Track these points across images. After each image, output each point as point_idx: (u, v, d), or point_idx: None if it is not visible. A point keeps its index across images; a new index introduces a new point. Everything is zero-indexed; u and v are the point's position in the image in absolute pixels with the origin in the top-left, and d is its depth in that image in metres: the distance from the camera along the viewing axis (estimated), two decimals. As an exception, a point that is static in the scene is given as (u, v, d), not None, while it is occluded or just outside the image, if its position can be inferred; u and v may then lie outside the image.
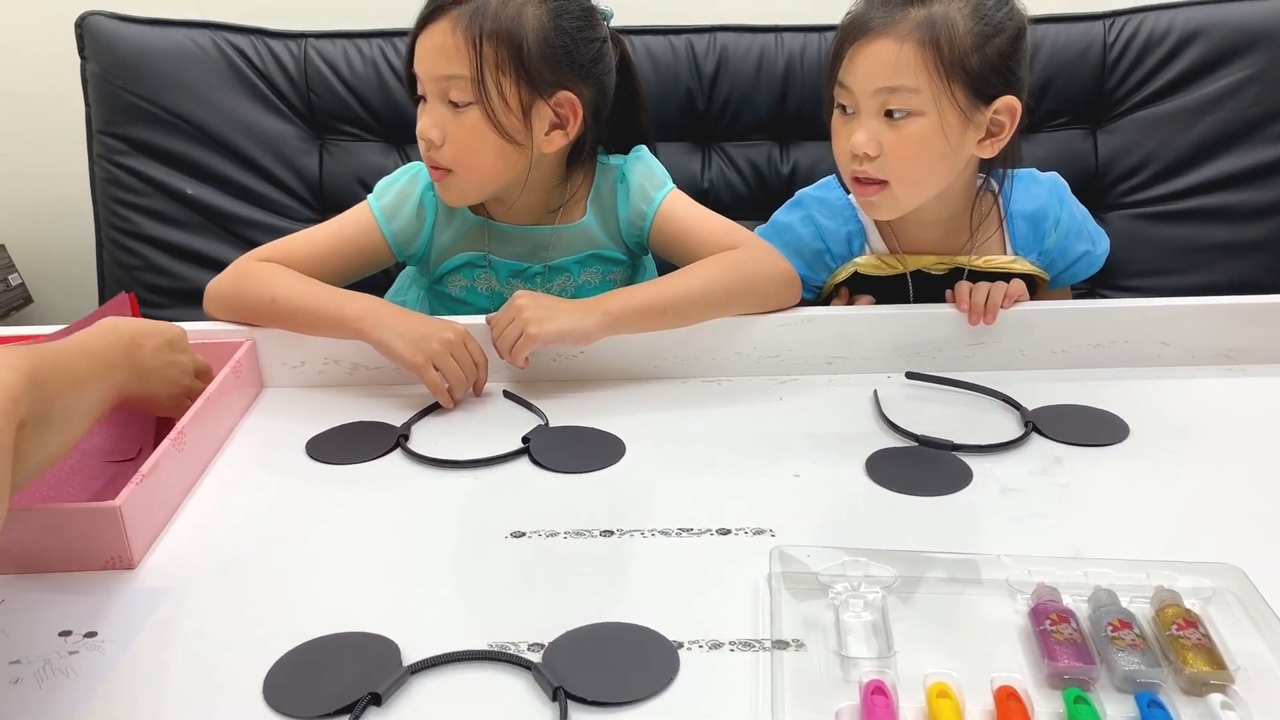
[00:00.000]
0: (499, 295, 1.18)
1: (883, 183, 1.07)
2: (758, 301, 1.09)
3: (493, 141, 1.08)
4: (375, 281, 1.21)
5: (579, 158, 1.17)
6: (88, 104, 1.53)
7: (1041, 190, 1.19)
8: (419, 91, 1.09)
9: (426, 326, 1.02)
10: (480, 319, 1.06)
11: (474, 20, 1.04)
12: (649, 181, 1.18)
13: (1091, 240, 1.22)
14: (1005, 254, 1.17)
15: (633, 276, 1.25)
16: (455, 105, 1.07)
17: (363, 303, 1.05)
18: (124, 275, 1.54)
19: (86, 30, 1.51)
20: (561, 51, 1.07)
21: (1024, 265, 1.17)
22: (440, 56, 1.06)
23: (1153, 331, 1.09)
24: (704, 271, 1.09)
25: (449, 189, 1.12)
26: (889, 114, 1.04)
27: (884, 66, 1.02)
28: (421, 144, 1.09)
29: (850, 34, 1.05)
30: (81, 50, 1.52)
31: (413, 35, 1.08)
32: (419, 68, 1.08)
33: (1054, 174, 1.22)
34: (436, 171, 1.11)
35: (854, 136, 1.05)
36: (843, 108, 1.08)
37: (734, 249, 1.11)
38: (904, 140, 1.04)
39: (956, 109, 1.03)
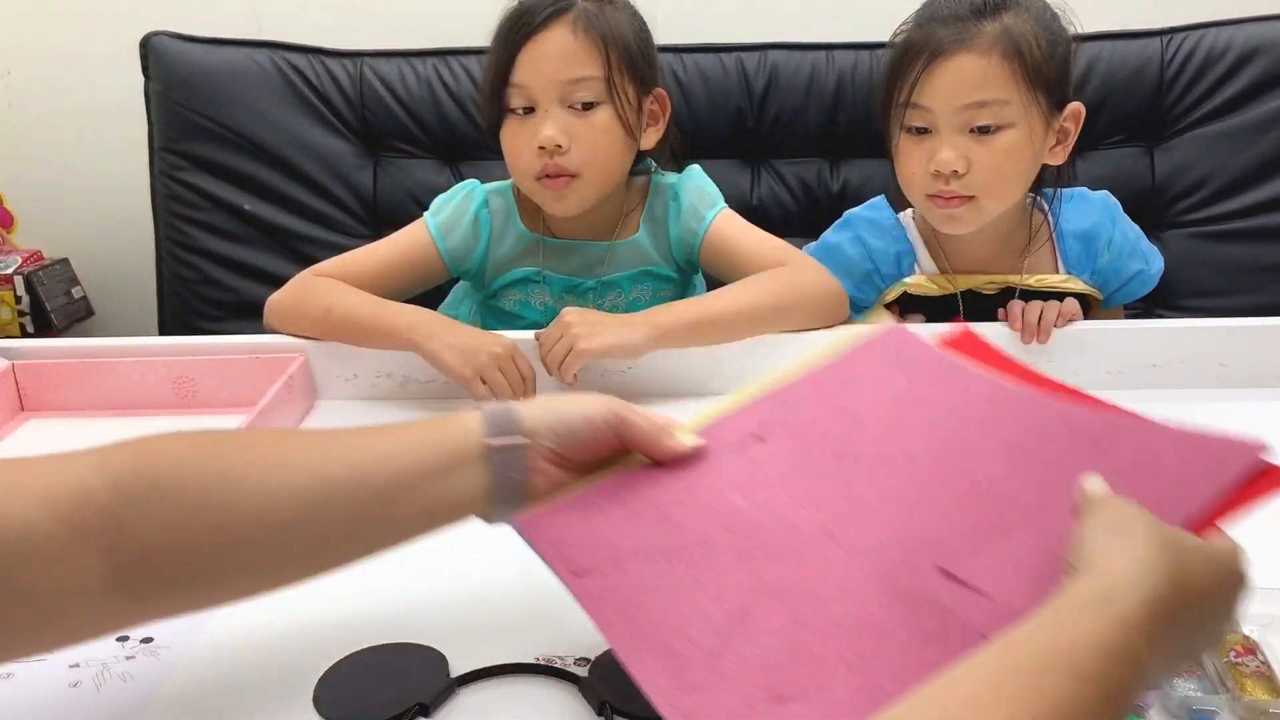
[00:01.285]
0: (552, 310, 1.19)
1: (969, 197, 1.06)
2: (805, 317, 1.09)
3: (620, 140, 1.11)
4: (428, 296, 1.22)
5: (640, 170, 1.20)
6: (150, 121, 1.57)
7: (1094, 209, 1.18)
8: (515, 105, 1.10)
9: (476, 339, 1.03)
10: (531, 334, 1.07)
11: (592, 22, 1.08)
12: (701, 200, 1.19)
13: (1145, 259, 1.21)
14: (1057, 273, 1.15)
15: (683, 294, 1.25)
16: (580, 108, 1.08)
17: (413, 314, 1.06)
18: (183, 289, 1.58)
19: (150, 50, 1.55)
20: (650, 50, 1.13)
21: (1077, 285, 1.15)
22: (567, 60, 1.07)
23: (1211, 353, 1.07)
24: (752, 286, 1.09)
25: (570, 196, 1.12)
26: (976, 129, 1.03)
27: (970, 82, 1.01)
28: (533, 154, 1.09)
29: (918, 54, 1.03)
30: (145, 69, 1.56)
31: (513, 47, 1.08)
32: (532, 76, 1.08)
33: (1105, 192, 1.21)
34: (558, 180, 1.11)
35: (940, 155, 1.04)
36: (914, 129, 1.06)
37: (783, 266, 1.11)
38: (994, 153, 1.03)
39: (1042, 117, 1.04)
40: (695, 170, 1.22)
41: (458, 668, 0.68)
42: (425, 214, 1.20)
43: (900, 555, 0.60)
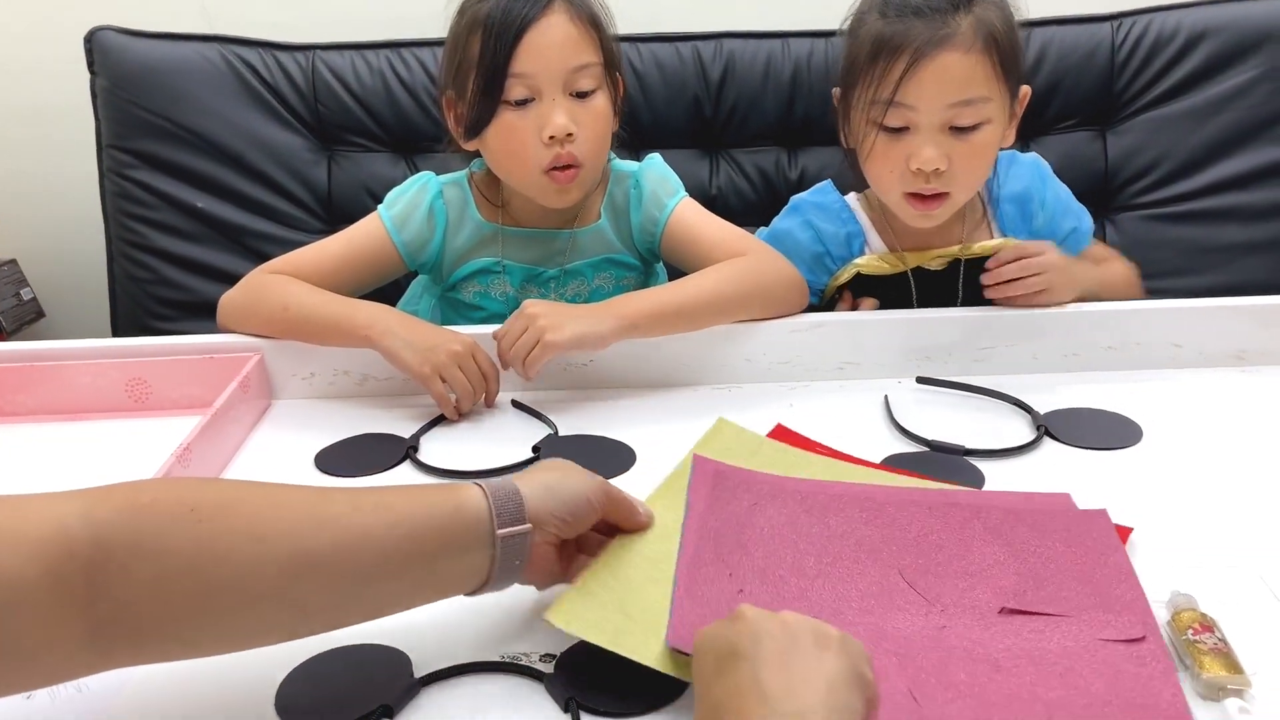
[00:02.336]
0: (514, 300, 1.18)
1: (944, 195, 1.06)
2: (766, 306, 1.09)
3: (610, 126, 1.12)
4: (385, 292, 1.21)
5: None
6: (97, 118, 1.54)
7: (1024, 171, 1.19)
8: (515, 96, 1.07)
9: (435, 336, 1.02)
10: (491, 330, 1.06)
11: (582, 7, 1.07)
12: (663, 188, 1.19)
13: (1077, 217, 1.22)
14: (994, 239, 1.16)
15: (646, 282, 1.25)
16: (581, 95, 1.07)
17: (371, 311, 1.05)
18: (135, 289, 1.55)
19: (96, 45, 1.52)
20: (613, 35, 1.12)
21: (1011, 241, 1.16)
22: (570, 47, 1.06)
23: (1165, 333, 1.09)
24: (714, 275, 1.09)
25: (576, 186, 1.11)
26: (956, 127, 1.02)
27: (957, 82, 1.00)
28: (540, 146, 1.07)
29: (896, 53, 1.01)
30: (91, 65, 1.53)
31: (511, 36, 1.05)
32: (536, 64, 1.05)
33: (1034, 155, 1.22)
34: (568, 172, 1.09)
35: (922, 154, 1.02)
36: (890, 128, 1.04)
37: (743, 255, 1.11)
38: (972, 150, 1.03)
39: (1008, 106, 1.05)
40: (656, 159, 1.22)
41: (422, 668, 0.68)
42: (379, 207, 1.19)
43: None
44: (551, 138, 1.06)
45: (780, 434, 0.96)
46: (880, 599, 0.69)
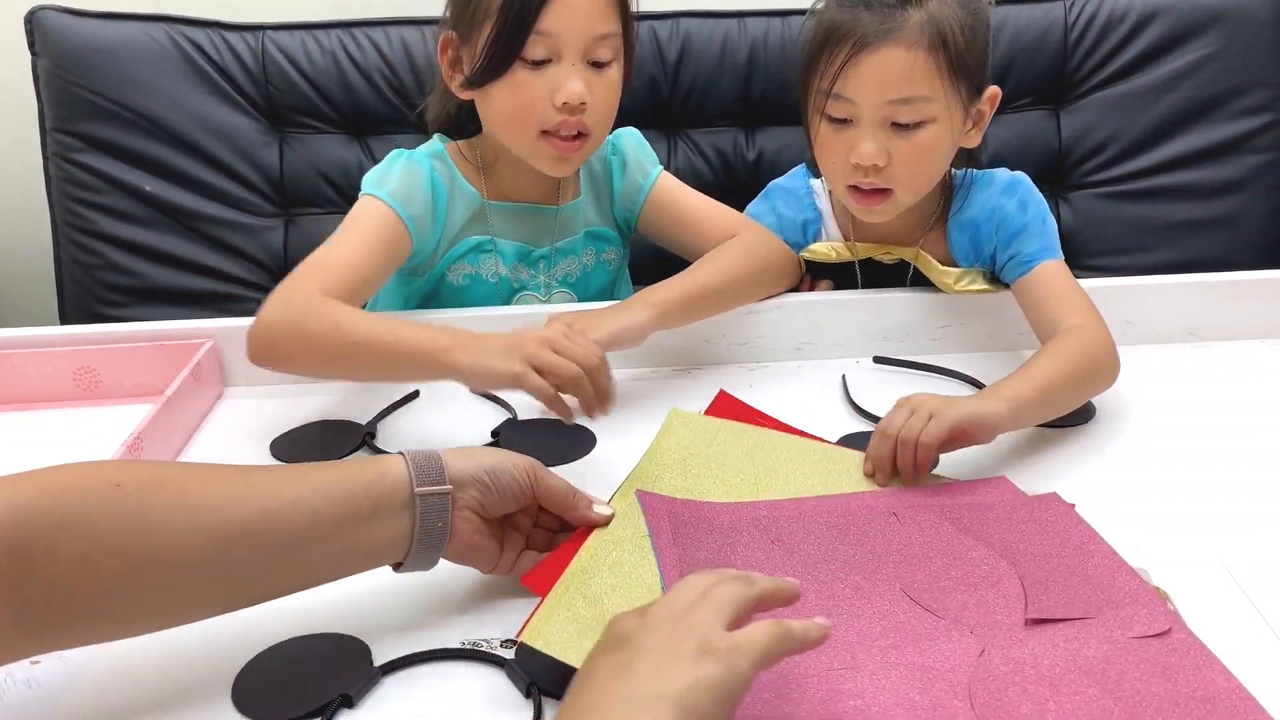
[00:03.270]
0: (506, 281, 1.14)
1: (887, 191, 1.03)
2: (772, 283, 1.11)
3: (618, 98, 1.07)
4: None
5: None
6: (40, 100, 1.50)
7: (991, 194, 1.11)
8: (534, 54, 1.00)
9: (515, 335, 0.89)
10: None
11: None
12: (644, 155, 1.19)
13: (1035, 241, 1.07)
14: (948, 254, 1.13)
15: (624, 256, 1.23)
16: (597, 65, 1.03)
17: (443, 331, 0.91)
18: (82, 274, 1.52)
19: (36, 25, 1.48)
20: (635, 10, 1.08)
21: (959, 282, 1.11)
22: (599, 14, 1.01)
23: (1117, 311, 1.10)
24: (728, 256, 1.08)
25: (576, 157, 1.07)
26: (897, 124, 0.99)
27: (896, 78, 0.97)
28: (548, 108, 1.01)
29: (840, 43, 0.98)
30: (32, 45, 1.49)
31: None
32: (564, 25, 0.99)
33: (1018, 174, 1.13)
34: (573, 142, 1.04)
35: (860, 148, 1.00)
36: (835, 119, 1.02)
37: (738, 233, 1.12)
38: (914, 149, 1.00)
39: (961, 107, 1.01)
40: (631, 129, 1.20)
41: (381, 656, 0.67)
42: (366, 191, 1.06)
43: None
44: (565, 104, 1.01)
45: (723, 401, 0.96)
46: (902, 632, 0.67)
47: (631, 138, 1.19)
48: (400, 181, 1.06)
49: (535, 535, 0.75)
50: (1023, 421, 0.88)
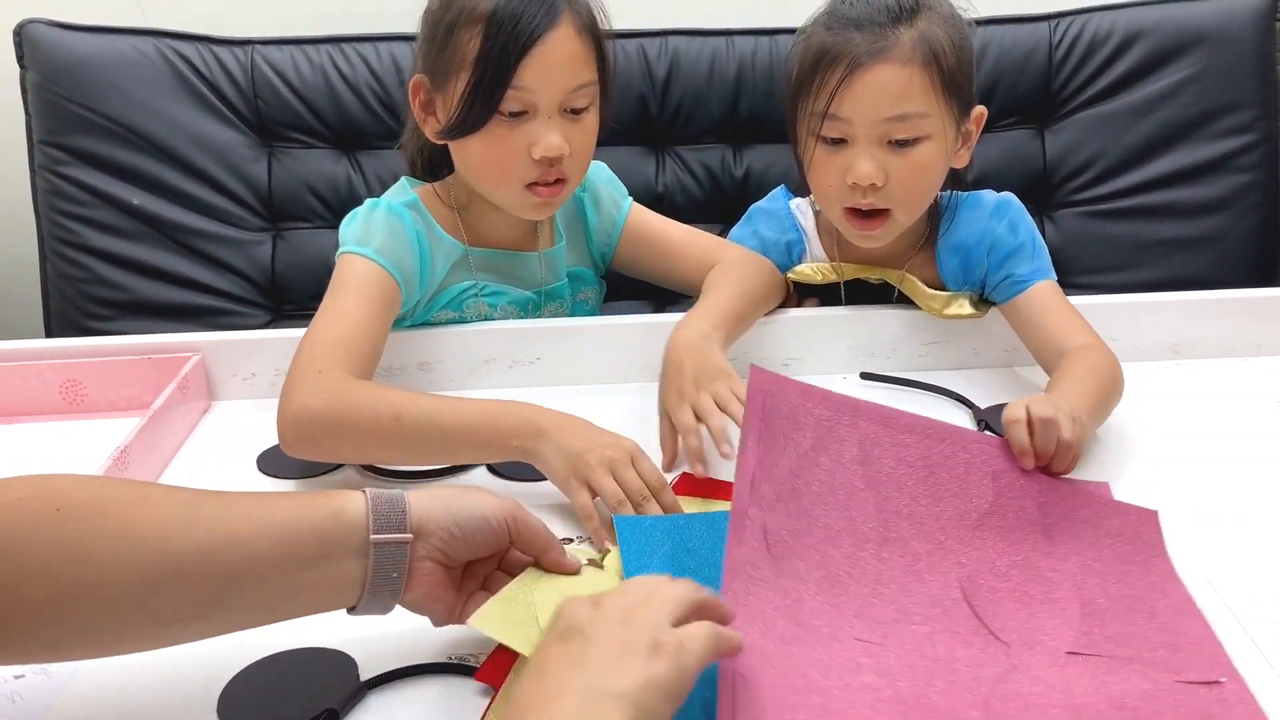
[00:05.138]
0: (492, 319, 1.12)
1: (885, 212, 1.03)
2: (772, 299, 1.12)
3: (595, 140, 1.06)
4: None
5: None
6: (28, 114, 1.50)
7: (980, 216, 1.11)
8: (510, 108, 0.98)
9: (587, 439, 0.85)
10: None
11: (587, 23, 1.00)
12: (614, 188, 1.19)
13: (1029, 264, 1.08)
14: (936, 277, 1.13)
15: (600, 294, 1.24)
16: (574, 112, 1.01)
17: (518, 412, 0.87)
18: (69, 287, 1.51)
19: (25, 38, 1.48)
20: (610, 45, 1.05)
21: (947, 306, 1.11)
22: (575, 66, 0.99)
23: (1101, 328, 1.10)
24: (734, 277, 1.08)
25: (556, 201, 1.05)
26: (894, 142, 1.00)
27: (890, 95, 0.98)
28: (527, 162, 0.99)
29: (833, 63, 0.99)
30: (20, 59, 1.49)
31: (518, 48, 0.95)
32: (540, 80, 0.97)
33: (1006, 195, 1.14)
34: (551, 188, 1.02)
35: (858, 168, 0.99)
36: (829, 140, 1.02)
37: (717, 256, 1.12)
38: (911, 167, 1.00)
39: (954, 124, 1.02)
40: (599, 163, 1.19)
41: (367, 671, 0.67)
42: (350, 250, 1.01)
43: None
44: (543, 158, 1.00)
45: (684, 483, 0.89)
46: (942, 624, 0.67)
47: (601, 173, 1.19)
48: (385, 237, 1.02)
49: (494, 577, 0.71)
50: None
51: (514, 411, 0.87)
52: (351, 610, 0.65)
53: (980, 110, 1.06)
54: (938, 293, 1.11)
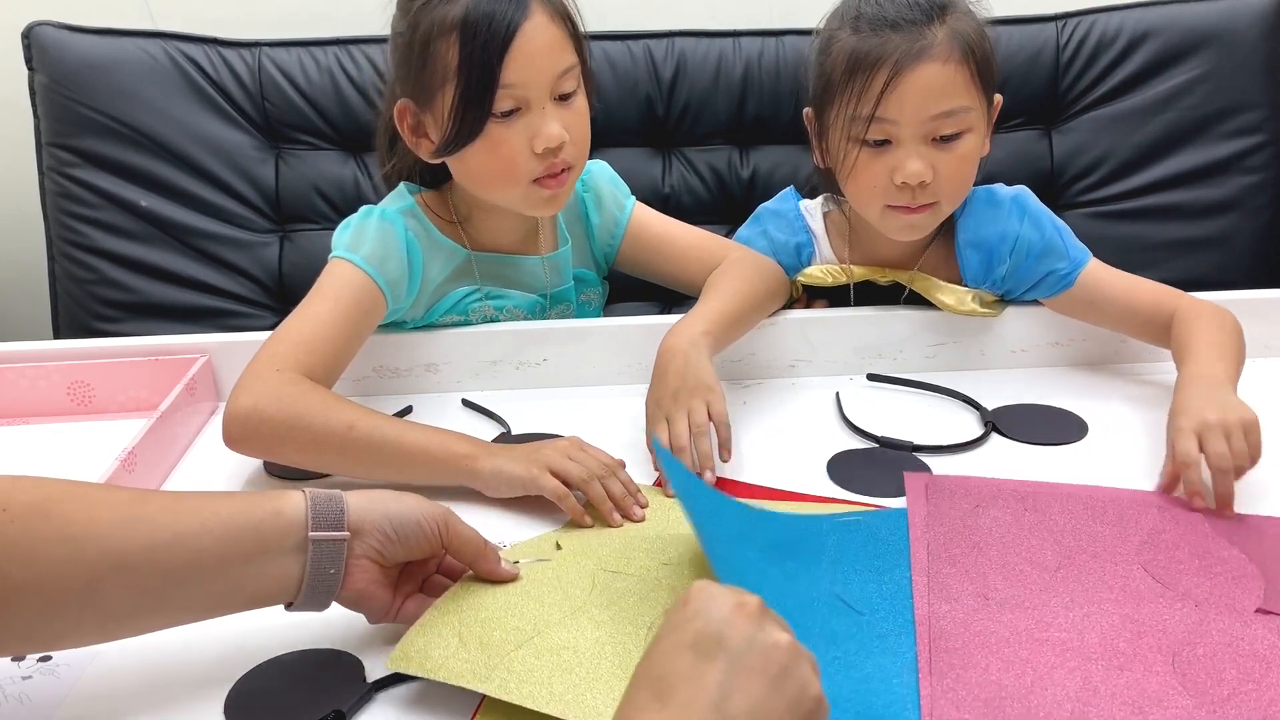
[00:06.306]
0: (497, 321, 1.13)
1: (931, 204, 1.03)
2: (775, 300, 1.11)
3: (588, 124, 1.04)
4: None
5: None
6: (36, 116, 1.51)
7: (998, 214, 1.11)
8: (504, 108, 0.97)
9: (536, 444, 0.89)
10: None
11: (550, 3, 0.99)
12: (617, 188, 1.18)
13: (1063, 256, 1.10)
14: (953, 272, 1.13)
15: (604, 296, 1.23)
16: (564, 98, 1.00)
17: (466, 438, 0.90)
18: (77, 289, 1.52)
19: (34, 41, 1.49)
20: (582, 28, 1.04)
21: (964, 302, 1.11)
22: (556, 52, 0.98)
23: (1112, 331, 1.10)
24: (734, 278, 1.07)
25: (564, 191, 1.04)
26: (939, 138, 1.00)
27: (938, 93, 0.98)
28: (531, 157, 0.99)
29: (876, 67, 0.98)
30: (29, 61, 1.49)
31: (498, 46, 0.95)
32: (526, 74, 0.96)
33: (1019, 189, 1.14)
34: (558, 178, 1.01)
35: (907, 168, 1.00)
36: (874, 142, 1.01)
37: (721, 256, 1.12)
38: (956, 160, 1.01)
39: (987, 115, 1.03)
40: (601, 163, 1.19)
41: (374, 672, 0.67)
42: (337, 255, 1.02)
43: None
44: (546, 149, 0.98)
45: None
46: (1128, 592, 0.71)
47: (603, 172, 1.18)
48: (375, 244, 1.02)
49: (432, 581, 0.73)
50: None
51: (465, 437, 0.90)
52: (289, 606, 0.66)
53: (998, 99, 1.06)
54: (954, 287, 1.11)
